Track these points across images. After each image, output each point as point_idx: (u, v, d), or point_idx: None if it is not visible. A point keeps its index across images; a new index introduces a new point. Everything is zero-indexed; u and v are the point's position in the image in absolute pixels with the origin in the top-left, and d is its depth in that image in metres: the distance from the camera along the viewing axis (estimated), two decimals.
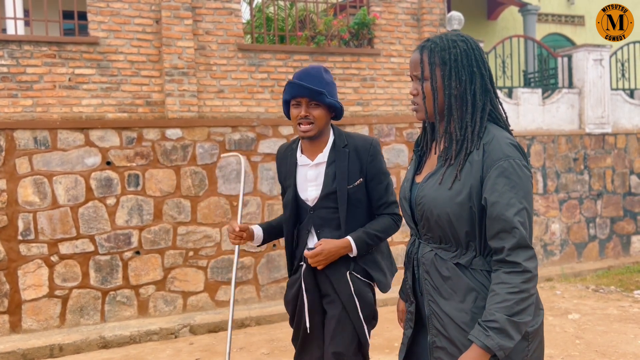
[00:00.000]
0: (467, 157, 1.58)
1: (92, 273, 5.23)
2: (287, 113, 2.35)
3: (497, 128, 1.62)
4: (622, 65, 8.10)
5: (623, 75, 8.11)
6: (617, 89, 8.01)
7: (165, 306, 5.47)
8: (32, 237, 5.06)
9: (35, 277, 5.05)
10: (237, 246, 2.50)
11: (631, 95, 8.17)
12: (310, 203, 2.32)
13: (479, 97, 1.60)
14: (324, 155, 2.32)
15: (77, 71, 5.30)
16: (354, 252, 2.28)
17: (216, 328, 5.19)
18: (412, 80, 1.70)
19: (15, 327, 5.00)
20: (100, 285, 5.26)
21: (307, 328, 2.36)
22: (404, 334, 1.82)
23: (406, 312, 1.81)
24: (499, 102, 1.69)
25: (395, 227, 2.37)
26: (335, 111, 2.33)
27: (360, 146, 2.32)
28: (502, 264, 1.52)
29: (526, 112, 7.26)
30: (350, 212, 2.30)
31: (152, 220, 5.44)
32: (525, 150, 7.08)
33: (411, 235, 1.81)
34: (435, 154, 1.72)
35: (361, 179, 2.30)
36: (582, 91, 7.54)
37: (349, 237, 2.27)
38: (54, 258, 5.11)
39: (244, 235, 2.39)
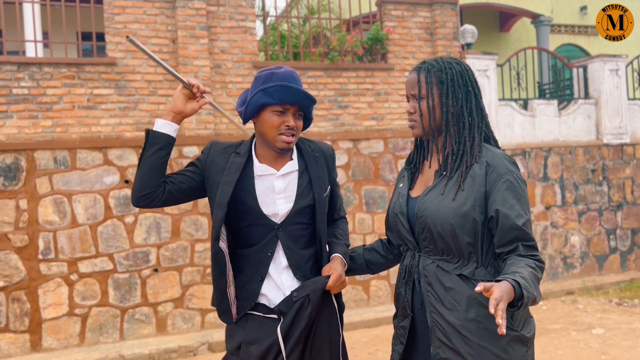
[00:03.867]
0: (468, 171, 1.66)
1: (111, 291, 5.25)
2: (250, 116, 1.92)
3: (490, 145, 1.73)
4: (639, 74, 8.03)
5: None
6: (634, 98, 7.93)
7: (184, 324, 5.47)
8: (52, 256, 5.10)
9: (55, 296, 5.09)
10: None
11: None
12: (278, 220, 1.92)
13: (475, 115, 1.72)
14: (293, 164, 1.96)
15: (96, 91, 5.39)
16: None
17: None
18: (409, 99, 1.79)
19: (35, 346, 5.03)
20: (119, 303, 5.28)
21: None
22: (393, 350, 1.83)
23: (397, 327, 1.83)
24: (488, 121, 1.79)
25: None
26: (308, 122, 2.02)
27: (326, 151, 2.05)
28: (519, 255, 1.59)
29: (542, 124, 7.21)
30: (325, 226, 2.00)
31: (170, 237, 5.46)
32: (543, 162, 7.09)
33: (406, 250, 1.84)
34: (430, 167, 1.79)
35: (329, 187, 2.03)
36: (599, 102, 7.48)
37: (338, 255, 1.98)
38: (74, 277, 5.15)
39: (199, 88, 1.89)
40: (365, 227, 6.23)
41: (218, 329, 5.52)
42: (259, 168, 1.94)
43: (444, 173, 1.71)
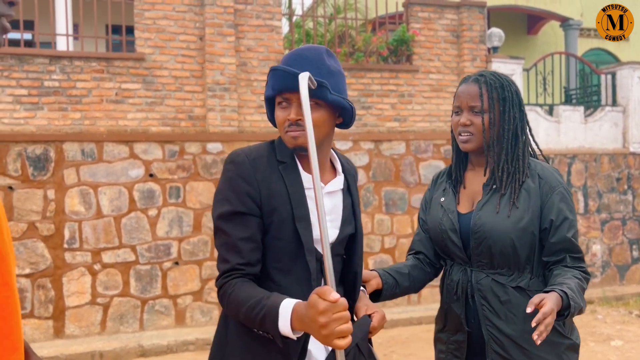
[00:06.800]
0: (521, 186, 1.71)
1: (132, 282, 5.36)
2: (272, 116, 1.50)
3: (535, 159, 1.81)
4: None
5: None
6: None
7: (202, 317, 5.56)
8: (77, 245, 5.23)
9: (78, 285, 5.22)
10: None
11: None
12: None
13: (524, 133, 1.79)
14: (340, 180, 1.54)
15: (124, 86, 5.49)
16: None
17: None
18: (462, 110, 1.76)
19: (58, 332, 5.16)
20: (140, 294, 5.38)
21: None
22: None
23: (448, 342, 1.83)
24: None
25: None
26: (344, 114, 1.50)
27: (353, 169, 1.66)
28: (565, 267, 1.67)
29: (567, 130, 7.12)
30: None
31: (192, 231, 5.55)
32: (566, 169, 7.00)
33: (452, 265, 1.81)
34: (475, 181, 1.81)
35: None
36: (627, 109, 7.35)
37: (364, 291, 1.65)
38: (97, 266, 5.27)
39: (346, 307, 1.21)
40: (384, 228, 6.24)
41: None
42: (307, 179, 1.47)
43: (494, 187, 1.73)
